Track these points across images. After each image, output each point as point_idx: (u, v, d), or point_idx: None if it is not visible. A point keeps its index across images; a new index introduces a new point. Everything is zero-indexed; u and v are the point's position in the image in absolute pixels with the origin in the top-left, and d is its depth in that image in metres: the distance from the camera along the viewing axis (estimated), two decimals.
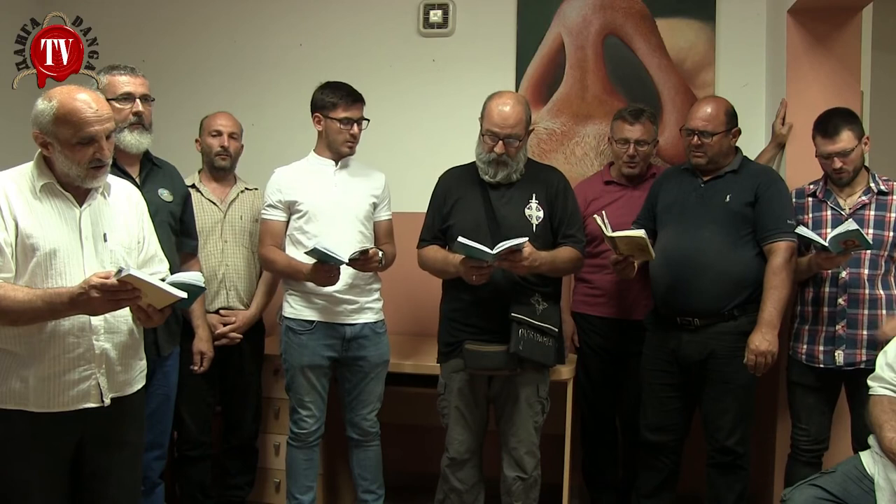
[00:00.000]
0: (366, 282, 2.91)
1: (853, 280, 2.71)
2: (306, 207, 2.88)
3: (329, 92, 2.89)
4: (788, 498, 2.38)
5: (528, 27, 3.59)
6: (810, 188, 2.85)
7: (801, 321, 2.83)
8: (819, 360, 2.75)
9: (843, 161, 2.70)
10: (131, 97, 2.55)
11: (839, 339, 2.72)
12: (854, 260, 2.69)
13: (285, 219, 2.93)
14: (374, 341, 2.93)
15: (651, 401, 2.93)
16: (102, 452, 2.06)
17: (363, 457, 3.00)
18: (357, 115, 2.89)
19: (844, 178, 2.74)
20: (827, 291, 2.75)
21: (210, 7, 3.84)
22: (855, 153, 2.70)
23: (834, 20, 3.04)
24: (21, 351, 1.95)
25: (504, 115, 2.67)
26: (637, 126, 3.11)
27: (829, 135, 2.71)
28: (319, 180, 2.91)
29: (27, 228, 1.93)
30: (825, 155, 2.73)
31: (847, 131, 2.69)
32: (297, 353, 2.88)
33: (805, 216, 2.81)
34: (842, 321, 2.72)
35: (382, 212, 3.00)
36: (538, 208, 2.74)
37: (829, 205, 2.77)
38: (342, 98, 2.87)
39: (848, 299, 2.71)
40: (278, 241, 2.93)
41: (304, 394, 2.90)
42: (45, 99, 1.96)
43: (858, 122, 2.75)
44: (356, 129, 2.90)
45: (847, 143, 2.69)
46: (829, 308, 2.75)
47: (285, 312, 2.94)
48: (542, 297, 2.71)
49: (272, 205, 2.92)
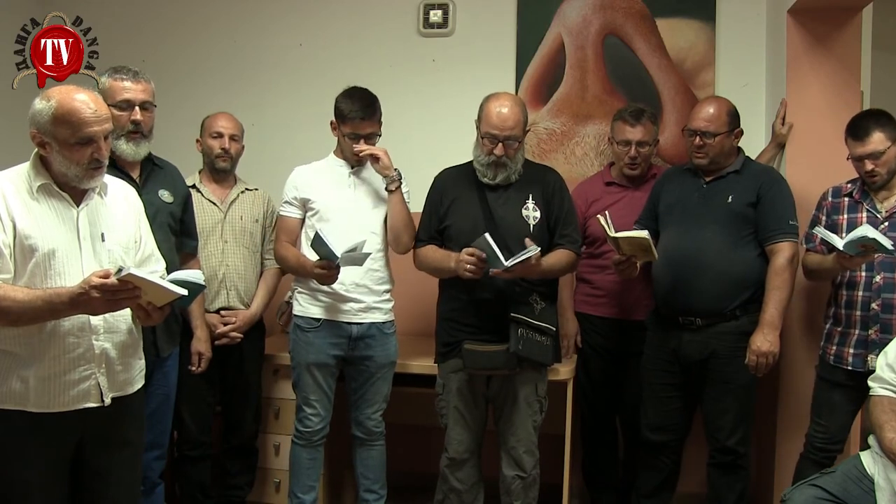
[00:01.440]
0: (374, 282, 2.90)
1: (887, 285, 2.64)
2: (319, 206, 2.89)
3: (346, 102, 2.84)
4: (788, 498, 2.38)
5: (528, 27, 3.59)
6: (847, 187, 2.77)
7: (835, 322, 2.76)
8: (847, 362, 2.68)
9: (874, 163, 2.62)
10: (130, 105, 2.51)
11: (872, 343, 2.64)
12: (888, 264, 2.63)
13: (300, 216, 2.93)
14: (382, 341, 2.92)
15: (652, 400, 2.93)
16: (102, 452, 2.06)
17: (367, 456, 3.00)
18: (366, 131, 2.84)
19: (878, 182, 2.66)
20: (860, 295, 2.67)
21: (210, 7, 3.84)
22: (888, 155, 2.62)
23: (834, 20, 3.04)
24: (21, 351, 1.95)
25: (503, 116, 2.67)
26: (638, 127, 3.10)
27: (858, 137, 2.64)
28: (334, 181, 2.92)
29: (25, 229, 1.93)
30: (856, 157, 2.66)
31: (878, 132, 2.61)
32: (304, 351, 2.89)
33: (840, 216, 2.74)
34: (875, 326, 2.64)
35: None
36: (535, 208, 2.74)
37: (866, 206, 2.70)
38: (353, 113, 2.82)
39: (881, 304, 2.63)
40: (293, 237, 2.95)
41: (309, 392, 2.90)
42: (44, 99, 1.95)
43: (892, 122, 2.65)
44: (365, 145, 2.85)
45: (878, 145, 2.61)
46: (861, 312, 2.67)
47: (294, 310, 2.95)
48: (540, 297, 2.72)
49: (288, 201, 2.94)
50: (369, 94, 2.86)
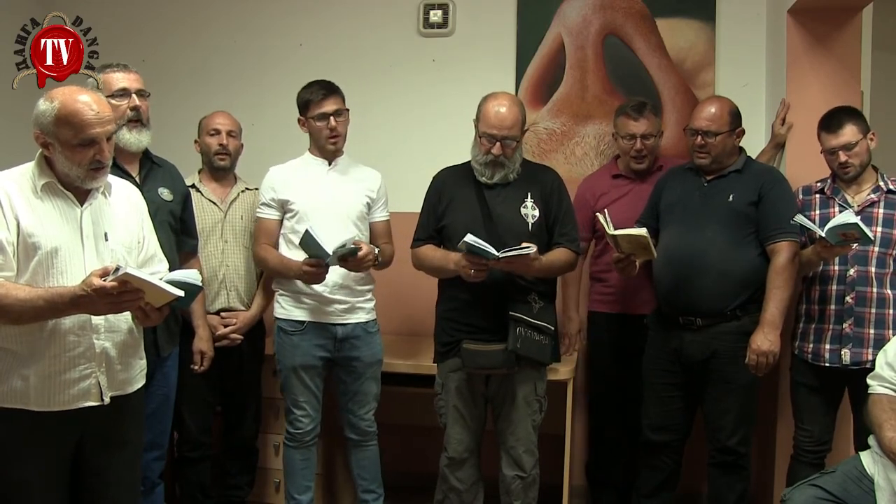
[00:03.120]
0: (357, 282, 2.90)
1: (861, 278, 2.69)
2: (298, 207, 2.87)
3: (304, 91, 2.89)
4: (788, 498, 2.38)
5: (528, 27, 3.59)
6: (817, 185, 2.84)
7: (807, 320, 2.81)
8: (825, 358, 2.73)
9: (847, 155, 2.69)
10: (127, 93, 2.55)
11: (846, 337, 2.69)
12: (861, 257, 2.68)
13: (279, 217, 2.92)
14: (367, 341, 2.93)
15: (653, 400, 2.93)
16: (102, 451, 2.07)
17: (362, 457, 3.00)
18: (332, 108, 2.85)
19: (850, 173, 2.72)
20: (834, 289, 2.73)
21: (210, 7, 3.84)
22: (860, 147, 2.69)
23: (834, 20, 3.04)
24: (22, 349, 1.95)
25: (501, 116, 2.67)
26: (642, 121, 3.11)
27: (832, 129, 2.70)
28: (312, 179, 2.91)
29: (28, 227, 1.93)
30: (830, 150, 2.72)
31: (850, 125, 2.68)
32: (290, 354, 2.88)
33: (812, 213, 2.78)
34: (849, 319, 2.69)
35: (378, 212, 2.99)
36: (534, 207, 2.74)
37: (837, 202, 2.75)
38: (314, 94, 2.85)
39: (856, 297, 2.69)
40: (272, 239, 2.93)
41: (298, 394, 2.90)
42: (47, 99, 1.96)
43: (862, 117, 2.74)
44: (334, 122, 2.86)
45: (850, 137, 2.68)
46: (836, 306, 2.72)
47: (276, 313, 2.94)
48: (539, 296, 2.72)
49: (266, 203, 2.93)
50: (326, 80, 2.91)
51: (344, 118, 2.90)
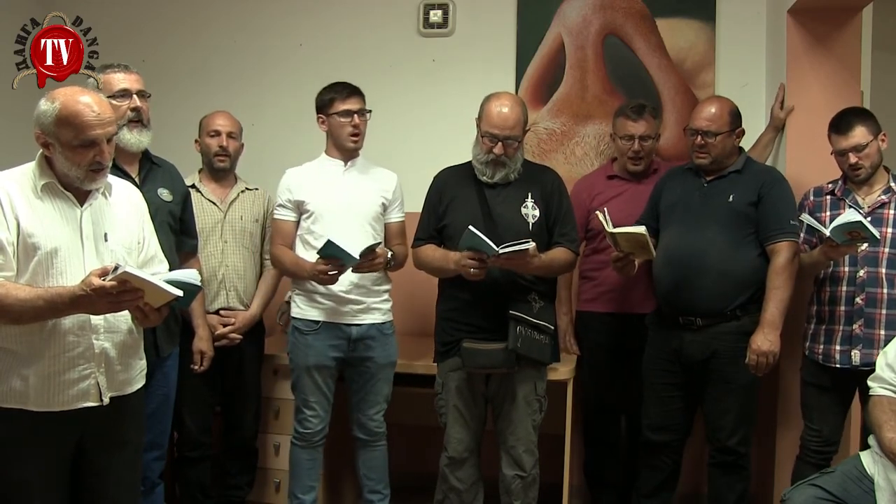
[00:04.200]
0: (373, 282, 2.89)
1: (871, 279, 2.67)
2: (313, 208, 2.88)
3: (326, 90, 2.91)
4: (788, 498, 2.38)
5: (528, 27, 3.59)
6: (828, 186, 2.82)
7: (818, 321, 2.79)
8: (835, 360, 2.71)
9: (857, 156, 2.67)
10: (128, 93, 2.55)
11: (856, 338, 2.68)
12: (872, 259, 2.67)
13: (295, 219, 2.93)
14: (382, 342, 2.92)
15: (653, 400, 2.93)
16: (102, 452, 2.06)
17: (369, 457, 3.00)
18: (356, 106, 2.88)
19: (861, 175, 2.70)
20: (844, 290, 2.71)
21: (210, 7, 3.84)
22: (870, 149, 2.67)
23: (834, 20, 3.04)
24: (21, 349, 1.95)
25: (503, 116, 2.68)
26: (640, 122, 3.12)
27: (842, 131, 2.69)
28: (328, 180, 2.91)
29: (29, 227, 1.93)
30: (840, 151, 2.71)
31: (861, 126, 2.66)
32: (303, 354, 2.88)
33: (823, 214, 2.76)
34: (859, 320, 2.68)
35: (394, 213, 2.99)
36: (534, 207, 2.75)
37: (848, 203, 2.73)
38: (338, 92, 2.88)
39: (866, 298, 2.67)
40: (288, 240, 2.94)
41: (308, 394, 2.89)
42: (48, 100, 1.96)
43: (873, 118, 2.71)
44: (357, 120, 2.88)
45: (860, 138, 2.66)
46: (846, 307, 2.71)
47: (293, 313, 2.94)
48: (539, 296, 2.72)
49: (282, 204, 2.94)
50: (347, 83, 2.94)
51: (366, 118, 2.92)
